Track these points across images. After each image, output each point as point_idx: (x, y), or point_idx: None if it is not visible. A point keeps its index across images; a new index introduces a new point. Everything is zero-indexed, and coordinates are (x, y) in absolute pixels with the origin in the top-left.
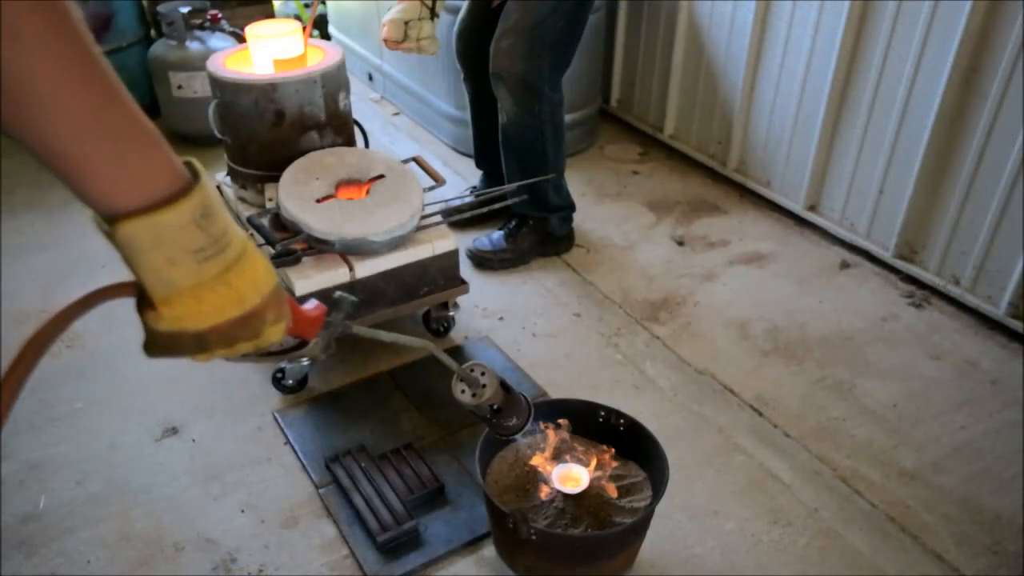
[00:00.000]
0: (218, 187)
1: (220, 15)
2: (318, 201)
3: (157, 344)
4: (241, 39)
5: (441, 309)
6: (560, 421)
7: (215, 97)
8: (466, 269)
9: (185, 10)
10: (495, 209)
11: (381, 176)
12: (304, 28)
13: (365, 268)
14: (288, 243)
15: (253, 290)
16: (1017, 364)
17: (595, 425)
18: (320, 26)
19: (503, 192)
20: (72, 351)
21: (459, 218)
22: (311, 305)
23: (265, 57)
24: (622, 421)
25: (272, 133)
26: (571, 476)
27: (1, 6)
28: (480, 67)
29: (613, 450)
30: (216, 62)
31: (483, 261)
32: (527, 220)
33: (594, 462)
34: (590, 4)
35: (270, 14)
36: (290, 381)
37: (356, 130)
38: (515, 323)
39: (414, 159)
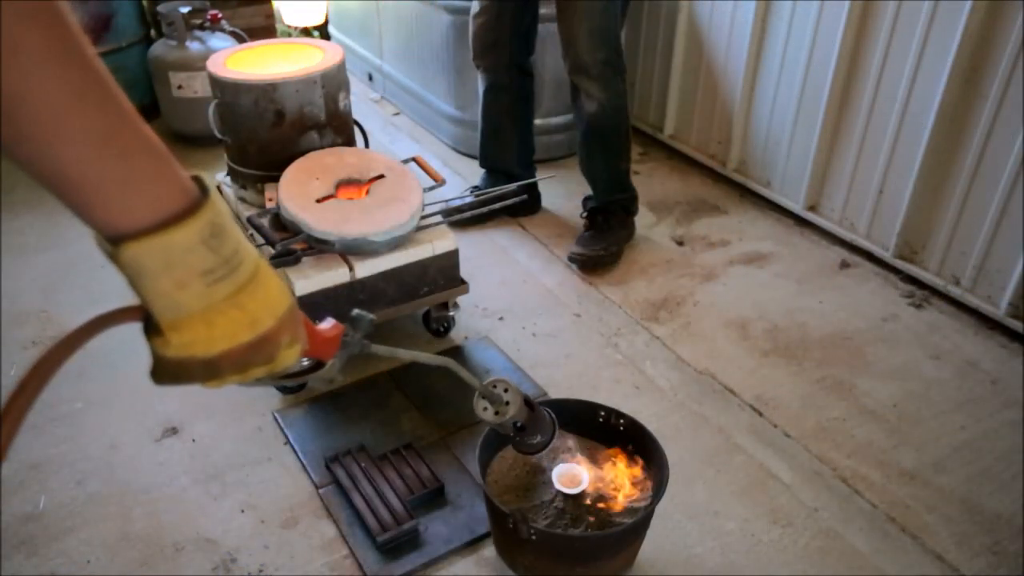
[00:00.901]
0: (218, 187)
1: (220, 15)
2: (318, 201)
3: (165, 371)
4: (241, 39)
5: (441, 309)
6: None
7: (215, 97)
8: (466, 269)
9: (185, 10)
10: (495, 209)
11: (381, 176)
12: None
13: (365, 268)
14: (288, 243)
15: (267, 312)
16: (1017, 364)
17: (595, 425)
18: (320, 26)
19: (503, 192)
20: None
21: (459, 218)
22: (327, 324)
23: None
24: (622, 421)
25: (272, 133)
26: (571, 476)
27: None
28: (501, 58)
29: (641, 464)
30: (216, 62)
31: (597, 261)
32: (611, 212)
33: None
34: None
35: (270, 14)
36: (290, 381)
37: (356, 130)
38: (515, 323)
39: (414, 159)
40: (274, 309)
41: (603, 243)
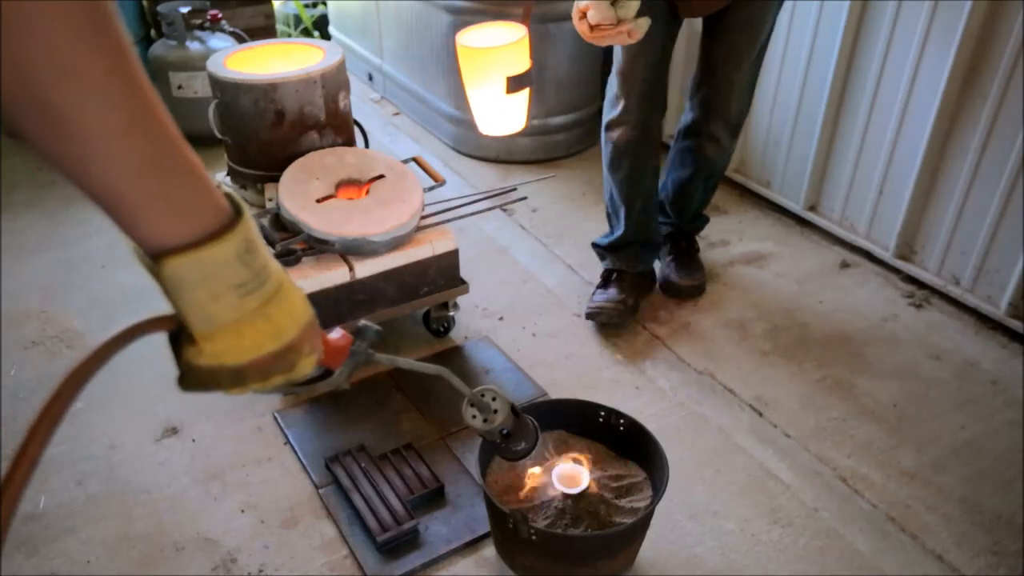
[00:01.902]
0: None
1: (220, 15)
2: (318, 201)
3: (195, 379)
4: (241, 39)
5: (441, 309)
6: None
7: (215, 97)
8: (466, 269)
9: (185, 10)
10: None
11: (381, 176)
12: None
13: (365, 268)
14: (288, 243)
15: (291, 323)
16: (1017, 364)
17: (595, 425)
18: (320, 26)
19: (503, 191)
20: (72, 351)
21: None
22: (337, 334)
23: (496, 74)
24: (622, 421)
25: (272, 133)
26: (571, 476)
27: (63, 45)
28: (658, 109)
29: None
30: (216, 62)
31: (701, 290)
32: (692, 237)
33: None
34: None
35: (270, 14)
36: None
37: (356, 130)
38: (515, 323)
39: (414, 159)
40: (297, 320)
41: (700, 270)
